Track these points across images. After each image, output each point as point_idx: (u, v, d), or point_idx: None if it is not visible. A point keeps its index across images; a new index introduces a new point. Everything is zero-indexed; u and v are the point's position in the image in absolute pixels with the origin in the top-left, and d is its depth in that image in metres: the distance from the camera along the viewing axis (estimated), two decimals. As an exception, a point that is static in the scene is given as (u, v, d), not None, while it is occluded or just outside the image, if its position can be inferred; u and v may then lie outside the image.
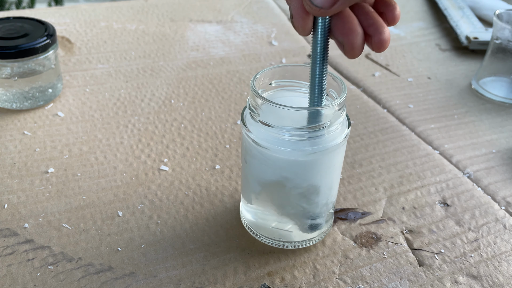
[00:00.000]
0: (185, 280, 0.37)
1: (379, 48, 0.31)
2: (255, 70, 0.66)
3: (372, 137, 0.54)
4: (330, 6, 0.29)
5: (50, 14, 0.76)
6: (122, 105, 0.57)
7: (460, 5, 0.84)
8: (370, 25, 0.31)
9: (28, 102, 0.55)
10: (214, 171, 0.48)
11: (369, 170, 0.49)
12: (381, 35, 0.31)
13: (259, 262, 0.39)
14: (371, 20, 0.31)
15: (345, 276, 0.38)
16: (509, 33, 0.60)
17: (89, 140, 0.51)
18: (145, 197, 0.45)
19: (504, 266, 0.40)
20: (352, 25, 0.30)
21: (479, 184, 0.49)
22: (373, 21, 0.31)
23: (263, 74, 0.37)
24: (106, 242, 0.40)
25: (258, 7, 0.84)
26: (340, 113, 0.35)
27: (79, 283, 0.37)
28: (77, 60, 0.65)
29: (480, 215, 0.45)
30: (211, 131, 0.54)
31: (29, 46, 0.52)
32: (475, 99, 0.63)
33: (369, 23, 0.31)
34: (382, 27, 0.31)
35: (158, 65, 0.66)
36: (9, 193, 0.44)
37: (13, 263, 0.38)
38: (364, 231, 0.42)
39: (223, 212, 0.44)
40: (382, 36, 0.31)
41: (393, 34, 0.79)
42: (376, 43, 0.31)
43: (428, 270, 0.39)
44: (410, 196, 0.46)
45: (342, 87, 0.35)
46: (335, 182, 0.38)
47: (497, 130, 0.57)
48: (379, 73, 0.67)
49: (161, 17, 0.79)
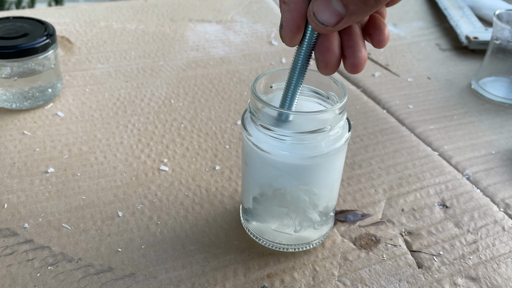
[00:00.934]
0: (185, 281, 0.38)
1: (351, 71, 0.32)
2: (255, 70, 0.66)
3: (371, 138, 0.54)
4: (335, 24, 0.29)
5: (50, 14, 0.76)
6: (122, 105, 0.57)
7: (460, 4, 0.84)
8: (348, 46, 0.31)
9: (28, 102, 0.55)
10: (214, 171, 0.48)
11: (368, 172, 0.49)
12: (355, 59, 0.31)
13: (258, 264, 0.39)
14: (351, 42, 0.31)
15: (344, 278, 0.39)
16: (509, 33, 0.60)
17: (89, 140, 0.51)
18: (145, 198, 0.45)
19: (502, 268, 0.40)
20: (330, 44, 0.31)
21: (478, 185, 0.49)
22: (352, 43, 0.31)
23: (264, 77, 0.37)
24: (106, 242, 0.40)
25: (258, 7, 0.84)
26: (341, 117, 0.35)
27: (79, 284, 0.37)
28: (77, 60, 0.65)
29: (479, 217, 0.45)
30: (211, 131, 0.54)
31: (29, 46, 0.52)
32: (475, 99, 0.63)
33: (348, 45, 0.31)
34: (358, 51, 0.31)
35: (158, 65, 0.66)
36: (9, 193, 0.44)
37: (13, 263, 0.38)
38: (363, 233, 0.43)
39: (223, 213, 0.44)
40: (356, 60, 0.31)
41: (393, 34, 0.79)
42: (349, 65, 0.32)
43: (427, 272, 0.39)
44: (409, 198, 0.47)
45: (343, 90, 0.35)
46: (336, 186, 0.38)
47: (497, 131, 0.57)
48: (379, 73, 0.67)
49: (161, 17, 0.79)
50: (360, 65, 0.31)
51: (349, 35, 0.31)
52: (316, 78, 0.37)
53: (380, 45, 0.32)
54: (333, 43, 0.31)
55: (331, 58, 0.31)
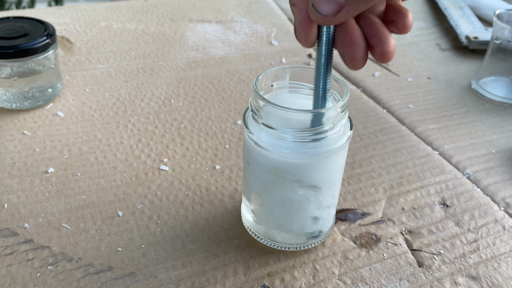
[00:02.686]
0: (185, 280, 0.37)
1: (382, 60, 0.30)
2: (255, 69, 0.66)
3: (372, 138, 0.54)
4: (335, 14, 0.28)
5: (50, 14, 0.76)
6: (122, 105, 0.57)
7: (460, 4, 0.84)
8: (373, 36, 0.30)
9: (28, 102, 0.55)
10: (214, 171, 0.48)
11: (368, 171, 0.49)
12: (383, 46, 0.30)
13: (259, 263, 0.39)
14: (374, 31, 0.30)
15: (344, 277, 0.39)
16: (509, 33, 0.60)
17: (89, 140, 0.51)
18: (145, 197, 0.45)
19: (503, 267, 0.40)
20: (353, 37, 0.30)
21: (478, 185, 0.49)
22: (376, 32, 0.30)
23: (265, 75, 0.37)
24: (106, 242, 0.40)
25: (258, 7, 0.84)
26: (343, 115, 0.35)
27: (79, 283, 0.37)
28: (77, 60, 0.65)
29: (480, 216, 0.45)
30: (211, 131, 0.54)
31: (29, 46, 0.52)
32: (475, 99, 0.63)
33: (372, 34, 0.30)
34: (385, 38, 0.30)
35: (158, 65, 0.66)
36: (9, 193, 0.44)
37: (13, 263, 0.38)
38: (363, 231, 0.43)
39: (223, 212, 0.44)
40: (385, 47, 0.30)
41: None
42: (378, 54, 0.30)
43: (427, 271, 0.39)
44: (409, 197, 0.47)
45: (345, 89, 0.35)
46: (337, 184, 0.38)
47: (497, 131, 0.57)
48: (379, 73, 0.67)
49: (161, 17, 0.79)
50: (390, 52, 0.30)
51: (370, 25, 0.30)
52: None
53: (405, 29, 0.31)
54: (355, 35, 0.30)
55: (356, 51, 0.30)
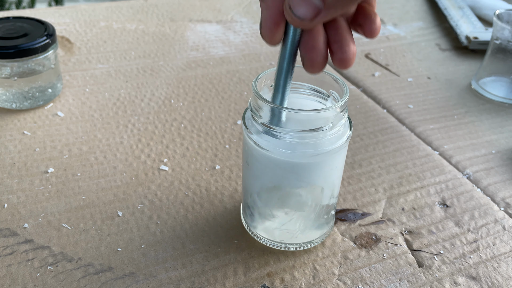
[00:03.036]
0: (185, 280, 0.37)
1: (340, 66, 0.30)
2: (255, 70, 0.66)
3: (371, 138, 0.54)
4: (312, 18, 0.27)
5: (50, 14, 0.76)
6: (122, 105, 0.57)
7: (460, 4, 0.84)
8: (335, 41, 0.30)
9: (28, 102, 0.55)
10: (214, 171, 0.48)
11: (368, 171, 0.49)
12: (343, 54, 0.30)
13: (259, 263, 0.39)
14: (338, 36, 0.30)
15: (344, 277, 0.39)
16: (509, 33, 0.60)
17: (89, 140, 0.51)
18: (145, 197, 0.45)
19: (503, 267, 0.40)
20: (316, 42, 0.29)
21: (478, 185, 0.49)
22: (339, 38, 0.30)
23: (265, 75, 0.37)
24: (106, 242, 0.40)
25: (258, 7, 0.84)
26: (342, 115, 0.35)
27: (79, 283, 0.37)
28: (76, 60, 0.65)
29: (480, 216, 0.45)
30: (211, 131, 0.54)
31: (28, 46, 0.52)
32: (475, 99, 0.63)
33: (335, 39, 0.30)
34: (346, 46, 0.30)
35: (158, 65, 0.66)
36: (9, 193, 0.44)
37: (13, 263, 0.38)
38: (363, 232, 0.43)
39: (223, 212, 0.44)
40: (345, 55, 0.30)
41: (393, 34, 0.79)
42: (337, 60, 0.30)
43: (427, 271, 0.39)
44: (409, 197, 0.47)
45: (344, 89, 0.35)
46: (337, 184, 0.38)
47: (497, 131, 0.57)
48: (379, 73, 0.67)
49: (161, 17, 0.79)
50: (349, 60, 0.30)
51: (335, 30, 0.30)
52: (317, 77, 0.37)
53: (371, 35, 0.31)
54: (318, 39, 0.29)
55: (316, 56, 0.30)
